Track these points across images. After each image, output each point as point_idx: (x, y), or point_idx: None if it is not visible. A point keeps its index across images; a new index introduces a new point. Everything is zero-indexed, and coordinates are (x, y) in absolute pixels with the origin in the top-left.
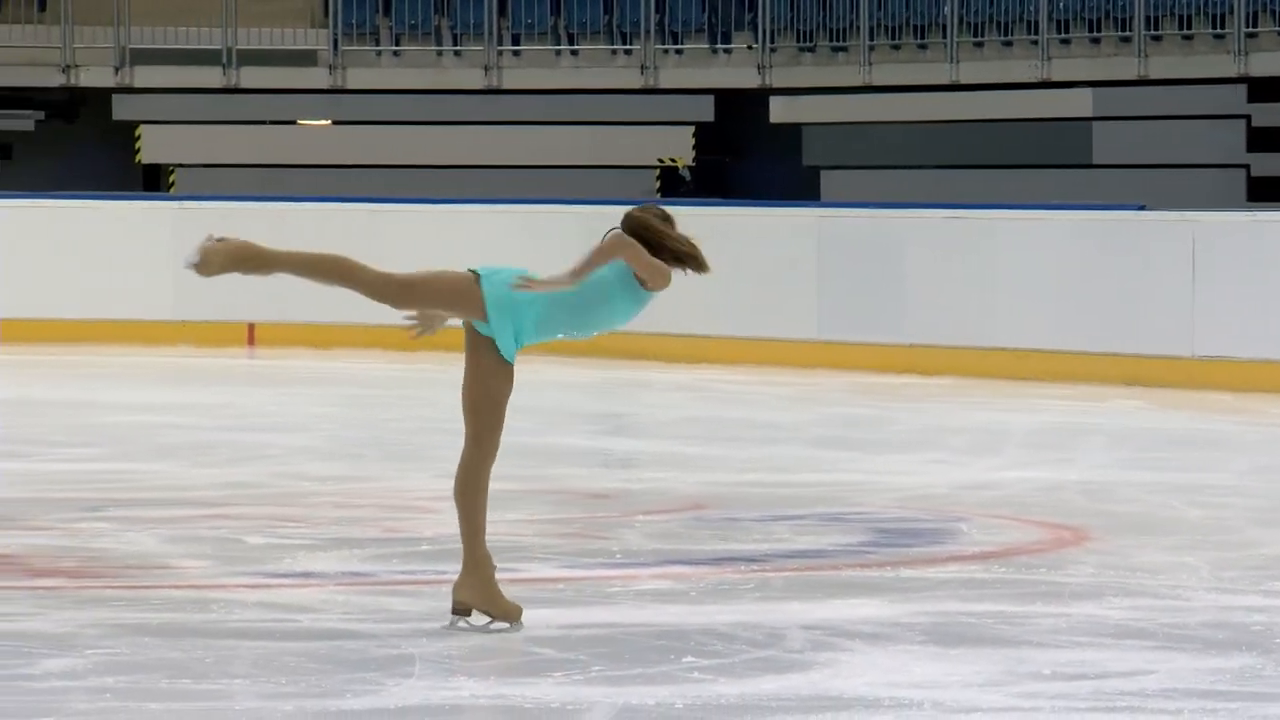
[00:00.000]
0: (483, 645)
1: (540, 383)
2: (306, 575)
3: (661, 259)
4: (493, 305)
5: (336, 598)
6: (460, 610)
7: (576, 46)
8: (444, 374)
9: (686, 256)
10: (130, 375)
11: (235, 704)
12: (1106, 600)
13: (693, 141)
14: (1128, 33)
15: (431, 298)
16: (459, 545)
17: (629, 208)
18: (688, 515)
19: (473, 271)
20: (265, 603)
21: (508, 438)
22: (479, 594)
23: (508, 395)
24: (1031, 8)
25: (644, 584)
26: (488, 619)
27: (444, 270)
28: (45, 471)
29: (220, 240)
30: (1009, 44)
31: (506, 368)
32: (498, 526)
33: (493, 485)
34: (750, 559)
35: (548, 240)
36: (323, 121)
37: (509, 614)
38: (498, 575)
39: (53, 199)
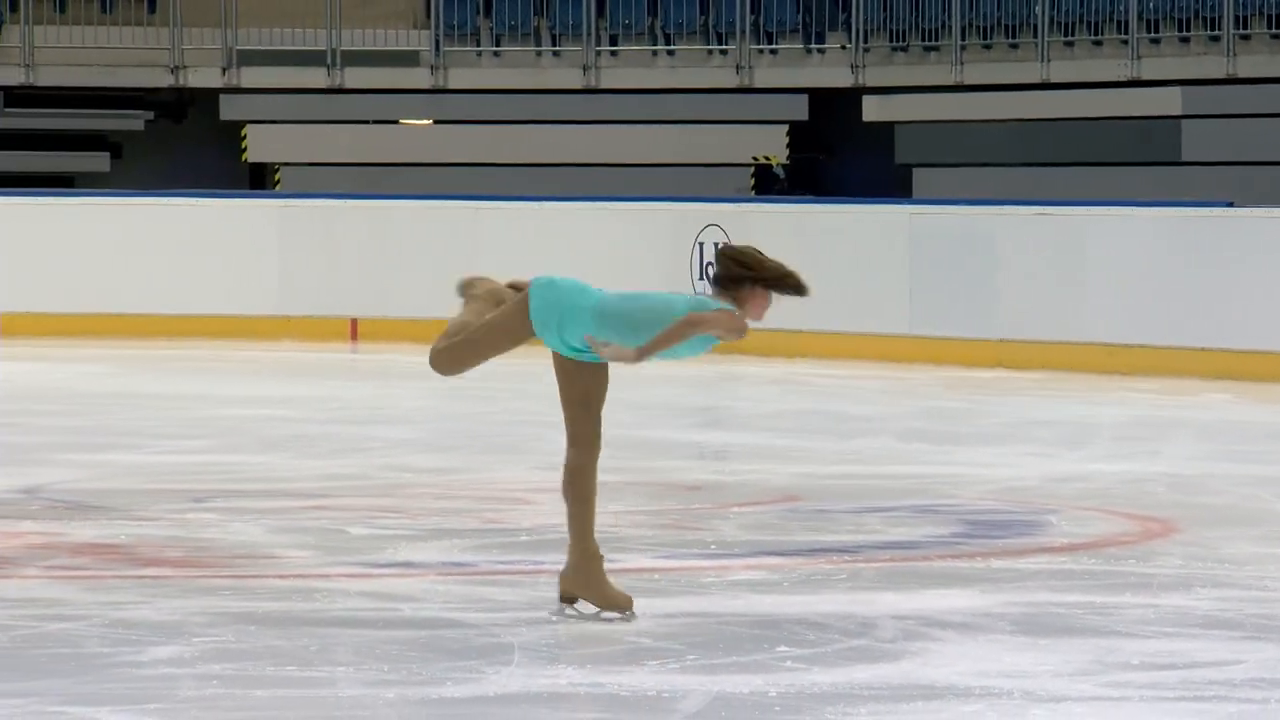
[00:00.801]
0: (581, 634)
1: (638, 377)
2: (407, 565)
3: (762, 284)
4: (538, 325)
5: (437, 587)
6: (568, 599)
7: (673, 47)
8: (540, 369)
9: (788, 279)
10: (236, 369)
11: (339, 691)
12: (1194, 591)
13: (787, 140)
14: (1217, 32)
15: (495, 345)
16: (558, 536)
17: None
18: (781, 507)
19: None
20: (367, 592)
21: (607, 431)
22: (591, 590)
23: (602, 394)
24: (1121, 7)
25: (738, 574)
26: (597, 608)
27: (497, 314)
28: (153, 463)
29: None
30: (1099, 43)
31: (599, 368)
32: (596, 518)
33: None
34: (843, 550)
35: (644, 237)
36: (424, 121)
37: (619, 603)
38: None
39: (161, 197)
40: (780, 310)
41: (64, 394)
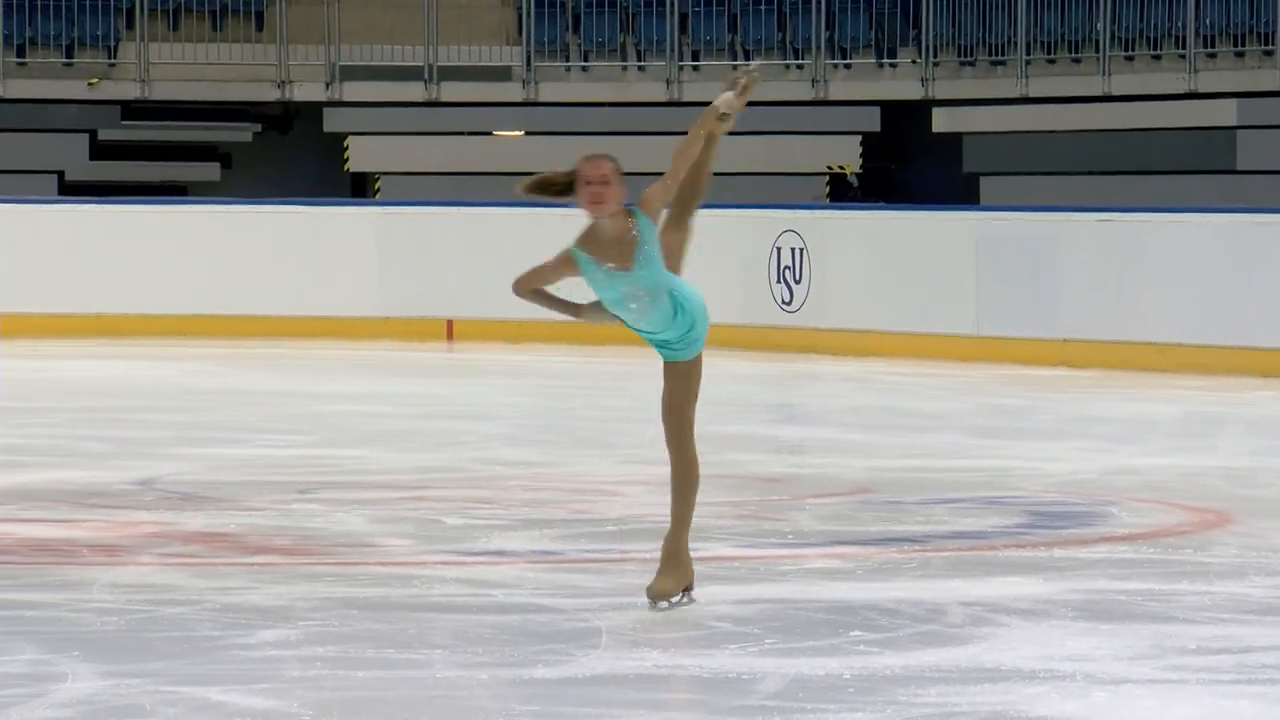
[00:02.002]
0: (665, 619)
1: (719, 375)
2: (500, 553)
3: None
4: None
5: (528, 574)
6: (662, 597)
7: (752, 61)
8: (627, 366)
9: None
10: (338, 368)
11: (435, 672)
12: (1249, 579)
13: (860, 150)
14: (1270, 46)
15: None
16: (643, 526)
17: (797, 211)
18: (854, 499)
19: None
20: (462, 579)
21: (700, 426)
22: (681, 584)
23: (689, 404)
24: (1179, 23)
25: (813, 563)
26: (679, 597)
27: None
28: (261, 456)
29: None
30: (1157, 57)
31: (685, 381)
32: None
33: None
34: (912, 540)
35: (725, 242)
36: (516, 132)
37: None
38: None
39: (268, 205)
40: (854, 312)
41: (177, 391)
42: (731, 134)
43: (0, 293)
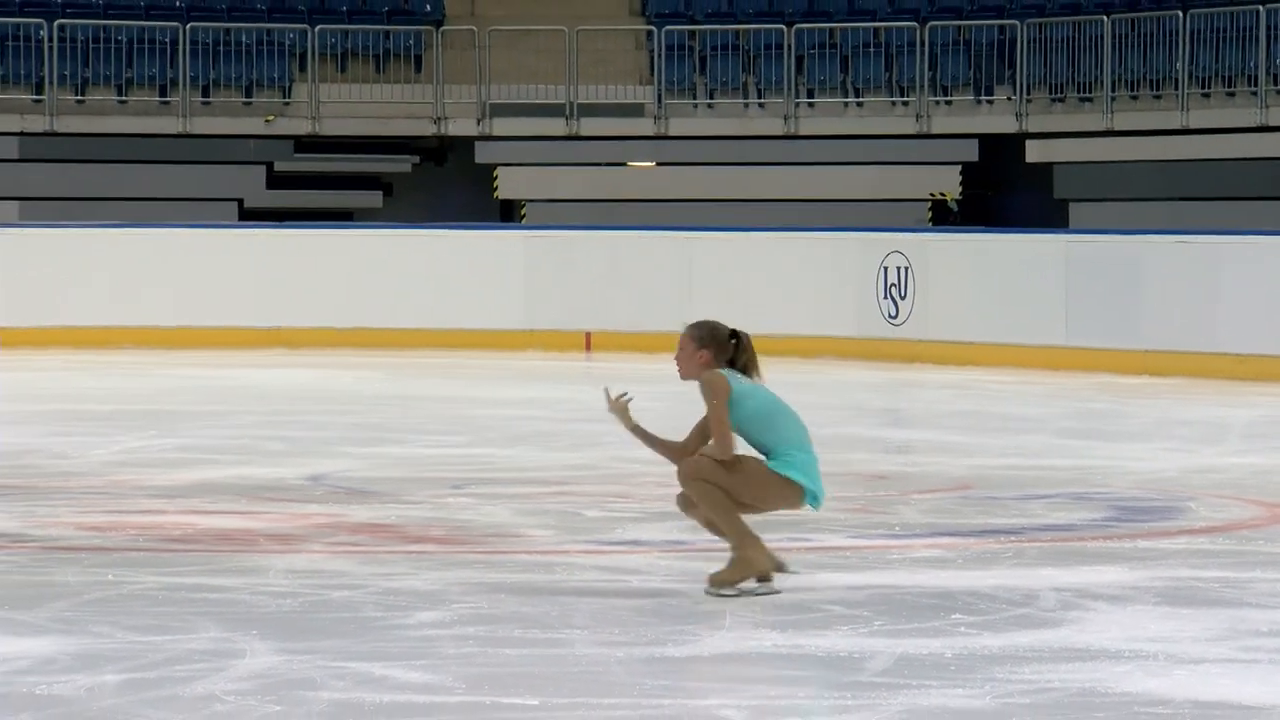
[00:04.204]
0: (784, 603)
1: (833, 383)
2: (635, 543)
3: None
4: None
5: (660, 562)
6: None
7: (861, 99)
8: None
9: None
10: (488, 375)
11: (576, 651)
12: None
13: (960, 178)
14: None
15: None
16: (764, 518)
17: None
18: (955, 494)
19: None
20: (600, 566)
21: (816, 430)
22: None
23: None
24: (1251, 63)
25: (918, 552)
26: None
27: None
28: (419, 455)
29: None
30: (1231, 94)
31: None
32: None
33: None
34: (1009, 531)
35: (836, 262)
36: (648, 163)
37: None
38: (792, 545)
39: (425, 229)
40: (955, 325)
41: (343, 396)
42: (844, 164)
43: (187, 308)
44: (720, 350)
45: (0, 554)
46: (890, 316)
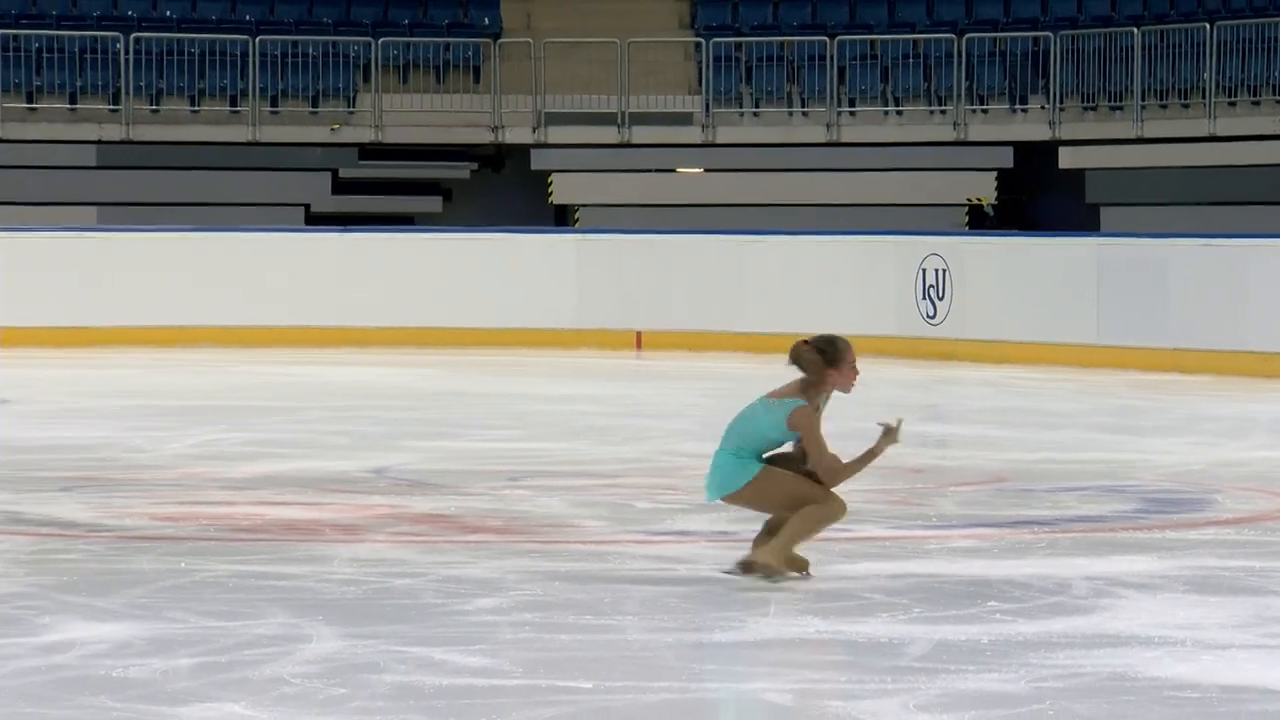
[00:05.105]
0: (825, 590)
1: (873, 379)
2: (683, 533)
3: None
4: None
5: (707, 552)
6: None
7: (901, 108)
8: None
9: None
10: (543, 372)
11: (627, 636)
12: None
13: (995, 184)
14: None
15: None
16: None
17: (940, 237)
18: (991, 487)
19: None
20: (650, 555)
21: (847, 423)
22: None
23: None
24: (1276, 73)
25: (955, 542)
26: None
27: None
28: (476, 449)
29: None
30: (1257, 103)
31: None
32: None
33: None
34: (1042, 522)
35: (876, 264)
36: (697, 170)
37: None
38: (835, 536)
39: (483, 233)
40: (991, 324)
41: (405, 392)
42: (884, 170)
43: (256, 309)
44: None
45: (78, 543)
46: (929, 316)
